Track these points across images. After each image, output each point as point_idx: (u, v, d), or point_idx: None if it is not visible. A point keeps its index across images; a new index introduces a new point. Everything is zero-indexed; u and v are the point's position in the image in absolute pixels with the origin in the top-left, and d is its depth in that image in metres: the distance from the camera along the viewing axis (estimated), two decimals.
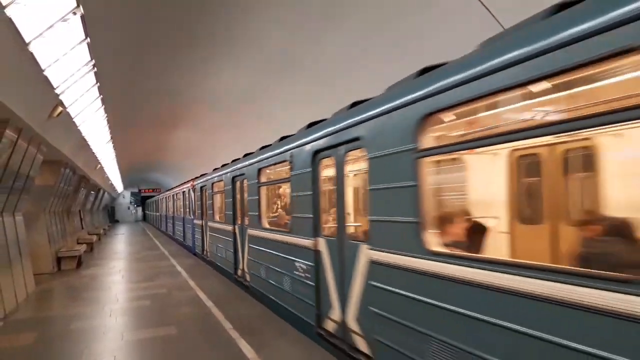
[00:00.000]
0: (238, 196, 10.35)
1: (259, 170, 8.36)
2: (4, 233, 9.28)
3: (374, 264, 4.44)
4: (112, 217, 55.11)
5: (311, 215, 5.97)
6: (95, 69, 9.75)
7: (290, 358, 5.66)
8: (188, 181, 19.63)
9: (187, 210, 19.10)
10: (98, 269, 14.57)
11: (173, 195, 24.83)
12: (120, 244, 24.96)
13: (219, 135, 20.28)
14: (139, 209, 60.31)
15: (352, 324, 4.98)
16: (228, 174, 11.08)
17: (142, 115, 18.63)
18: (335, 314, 5.42)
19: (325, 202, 5.98)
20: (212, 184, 13.42)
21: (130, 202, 59.26)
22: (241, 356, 5.80)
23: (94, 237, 22.03)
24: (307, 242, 6.11)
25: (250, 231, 9.05)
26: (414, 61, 6.06)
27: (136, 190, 57.39)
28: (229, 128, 18.34)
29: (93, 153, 18.14)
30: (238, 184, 10.27)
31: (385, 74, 7.97)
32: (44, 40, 6.81)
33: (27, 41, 6.40)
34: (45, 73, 7.73)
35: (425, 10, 7.14)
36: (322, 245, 5.79)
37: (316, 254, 5.87)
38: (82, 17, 7.16)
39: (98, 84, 10.90)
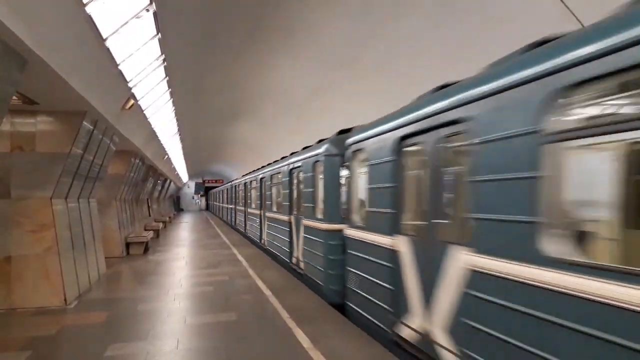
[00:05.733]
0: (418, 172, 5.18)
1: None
2: (80, 217, 9.91)
3: None
4: (177, 206, 57.50)
5: None
6: (165, 63, 10.14)
7: (345, 349, 5.71)
8: (264, 166, 16.44)
9: (268, 202, 14.70)
10: (163, 255, 15.21)
11: (245, 183, 20.71)
12: (185, 232, 25.91)
13: (279, 128, 20.54)
14: (203, 199, 62.45)
15: None
16: (390, 133, 5.68)
17: (207, 108, 19.22)
18: None
19: None
20: (315, 162, 8.95)
21: (195, 192, 61.40)
22: (297, 344, 5.90)
23: (160, 225, 22.81)
24: None
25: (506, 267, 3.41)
26: (481, 53, 5.90)
27: (200, 180, 59.49)
28: (289, 121, 18.52)
29: (161, 144, 18.85)
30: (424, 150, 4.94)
31: (451, 66, 7.81)
32: (119, 36, 7.18)
33: (104, 37, 6.77)
34: (119, 67, 8.13)
35: (494, 4, 6.91)
36: None
37: None
38: (155, 14, 7.48)
39: (167, 77, 11.33)
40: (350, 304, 7.04)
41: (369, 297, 6.26)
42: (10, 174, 8.11)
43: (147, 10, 7.21)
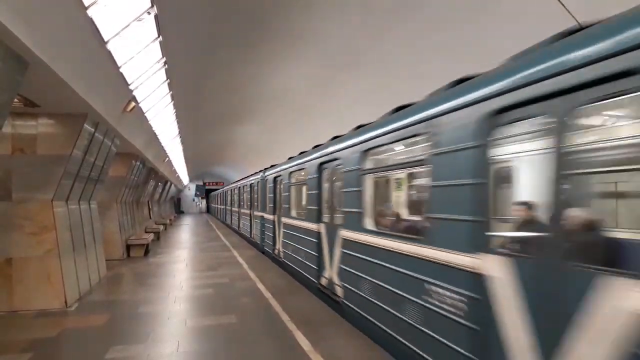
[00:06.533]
0: None
1: None
2: (81, 219, 9.91)
3: None
4: (177, 208, 57.42)
5: None
6: (166, 66, 10.16)
7: (344, 351, 5.71)
8: (241, 179, 20.64)
9: (242, 203, 20.91)
10: (164, 257, 15.24)
11: (231, 189, 24.58)
12: (185, 234, 25.92)
13: (281, 131, 20.56)
14: (203, 201, 62.39)
15: None
16: (274, 174, 14.72)
17: (208, 111, 19.23)
18: None
19: None
20: (258, 181, 17.66)
21: (196, 194, 61.34)
22: (297, 347, 5.92)
23: (161, 227, 22.80)
24: None
25: None
26: (480, 57, 5.91)
27: (201, 183, 59.40)
28: (291, 124, 18.55)
29: (162, 147, 18.85)
30: None
31: (450, 69, 7.82)
32: (120, 39, 7.20)
33: (105, 40, 6.79)
34: (120, 70, 8.15)
35: (494, 6, 6.93)
36: None
37: None
38: (156, 17, 7.50)
39: (168, 80, 11.34)
40: (266, 249, 14.66)
41: (269, 242, 14.08)
42: (11, 176, 8.13)
43: (149, 13, 7.23)
